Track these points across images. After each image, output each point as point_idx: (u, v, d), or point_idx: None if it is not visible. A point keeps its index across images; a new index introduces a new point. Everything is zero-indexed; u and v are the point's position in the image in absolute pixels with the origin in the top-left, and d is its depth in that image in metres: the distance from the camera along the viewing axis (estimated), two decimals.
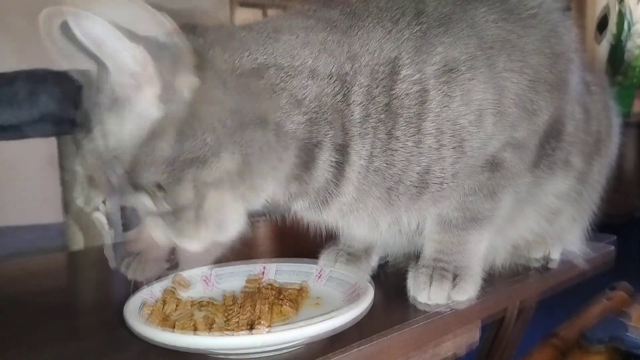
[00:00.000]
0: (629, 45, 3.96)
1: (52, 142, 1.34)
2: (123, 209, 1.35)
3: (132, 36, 0.52)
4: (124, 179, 0.58)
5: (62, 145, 1.30)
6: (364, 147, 0.64)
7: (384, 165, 0.65)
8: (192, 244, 0.62)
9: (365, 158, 0.64)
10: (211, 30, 0.63)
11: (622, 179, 3.85)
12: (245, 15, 6.43)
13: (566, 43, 0.73)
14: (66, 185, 1.30)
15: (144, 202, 0.59)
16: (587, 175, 0.86)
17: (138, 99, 0.56)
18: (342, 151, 0.64)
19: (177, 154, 0.56)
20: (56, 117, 1.20)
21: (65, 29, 0.51)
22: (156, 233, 0.63)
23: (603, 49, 4.08)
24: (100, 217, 0.61)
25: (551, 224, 0.86)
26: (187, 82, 0.57)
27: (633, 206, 3.85)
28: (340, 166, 0.65)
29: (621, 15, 3.87)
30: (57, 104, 1.19)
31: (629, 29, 3.91)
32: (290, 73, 0.62)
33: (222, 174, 0.59)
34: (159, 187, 0.57)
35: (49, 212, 1.83)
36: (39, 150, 1.85)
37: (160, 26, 0.54)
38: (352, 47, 0.64)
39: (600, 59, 4.11)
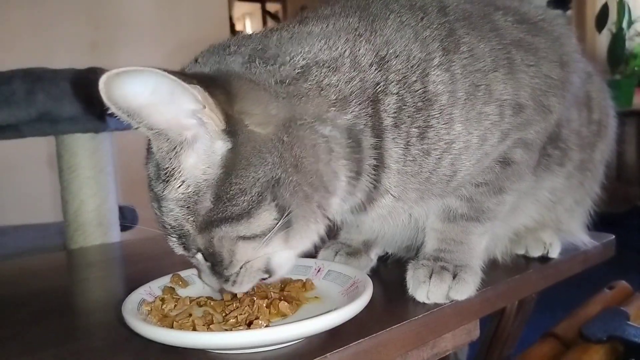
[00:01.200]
0: (630, 33, 3.94)
1: (50, 141, 1.34)
2: (121, 209, 1.36)
3: (186, 78, 0.53)
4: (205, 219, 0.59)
5: (60, 145, 1.30)
6: (399, 135, 0.65)
7: (420, 154, 0.66)
8: (243, 288, 0.64)
9: (402, 146, 0.65)
10: (245, 44, 0.64)
11: (624, 168, 3.84)
12: (243, 9, 6.43)
13: (571, 51, 0.76)
14: (65, 185, 1.30)
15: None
16: (588, 162, 0.88)
17: (203, 134, 0.57)
18: (380, 137, 0.65)
19: (255, 182, 0.58)
20: (54, 116, 1.20)
21: (122, 88, 0.53)
22: (207, 280, 0.66)
23: (604, 38, 4.06)
24: (199, 257, 0.64)
25: (551, 212, 0.88)
26: (242, 109, 0.58)
27: (635, 195, 3.84)
28: (378, 149, 0.65)
29: (622, 4, 3.85)
30: (54, 102, 1.18)
31: (630, 17, 3.89)
32: (331, 66, 0.63)
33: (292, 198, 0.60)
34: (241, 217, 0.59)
35: (48, 212, 1.84)
36: (38, 150, 1.85)
37: (190, 97, 0.54)
38: (385, 31, 0.65)
39: (601, 48, 4.09)
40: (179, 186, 0.58)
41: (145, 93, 0.53)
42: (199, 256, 0.63)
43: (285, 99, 0.60)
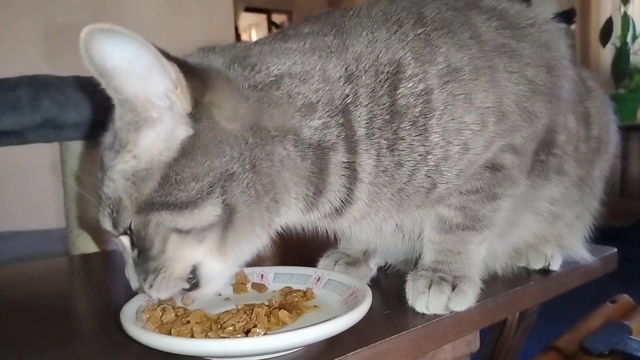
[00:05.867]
0: (635, 47, 3.95)
1: (54, 147, 1.34)
2: None
3: (166, 55, 0.55)
4: (154, 199, 0.58)
5: (64, 151, 1.31)
6: (372, 146, 0.65)
7: (392, 165, 0.66)
8: (159, 294, 0.62)
9: (374, 157, 0.65)
10: (229, 49, 0.66)
11: (627, 183, 3.82)
12: (249, 20, 6.47)
13: (559, 57, 0.74)
14: (68, 191, 1.30)
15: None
16: (587, 178, 0.87)
17: (170, 116, 0.58)
18: (353, 152, 0.65)
19: (209, 171, 0.58)
20: (58, 122, 1.21)
21: (102, 46, 0.53)
22: (129, 273, 0.63)
23: (608, 52, 4.07)
24: (124, 240, 0.62)
25: (552, 226, 0.87)
26: (213, 101, 0.59)
27: (638, 209, 3.82)
28: (352, 167, 0.66)
29: (626, 18, 3.86)
30: (59, 109, 1.19)
31: (635, 31, 3.89)
32: (302, 78, 0.64)
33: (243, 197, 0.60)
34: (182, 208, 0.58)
35: (50, 218, 1.84)
36: (41, 156, 1.86)
37: (166, 74, 0.56)
38: (356, 47, 0.66)
39: (605, 62, 4.10)
40: (130, 159, 0.58)
41: (124, 58, 0.54)
42: (125, 239, 0.61)
43: (256, 103, 0.62)
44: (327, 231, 0.75)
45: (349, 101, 0.64)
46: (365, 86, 0.65)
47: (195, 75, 0.58)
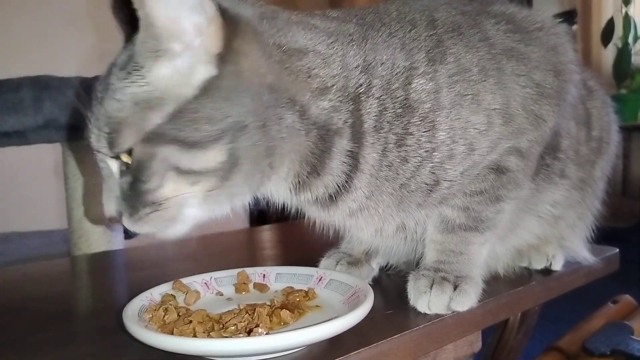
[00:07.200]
0: (636, 48, 3.94)
1: (57, 148, 1.35)
2: None
3: None
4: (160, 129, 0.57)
5: (66, 152, 1.31)
6: (378, 140, 0.66)
7: (398, 160, 0.66)
8: (140, 227, 0.61)
9: (380, 152, 0.66)
10: (258, 6, 0.66)
11: (629, 183, 3.82)
12: None
13: (567, 61, 0.75)
14: (70, 192, 1.31)
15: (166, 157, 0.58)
16: (588, 179, 0.87)
17: (194, 52, 0.57)
18: (359, 142, 0.66)
19: (224, 117, 0.57)
20: (60, 123, 1.21)
21: None
22: (108, 198, 0.62)
23: (609, 52, 4.06)
24: (113, 165, 0.60)
25: (553, 228, 0.87)
26: (241, 48, 0.59)
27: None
28: (355, 157, 0.66)
29: (628, 18, 3.85)
30: (61, 110, 1.20)
31: (636, 32, 3.89)
32: (325, 60, 0.65)
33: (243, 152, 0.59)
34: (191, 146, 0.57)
35: (52, 219, 1.85)
36: (44, 157, 1.87)
37: (202, 9, 0.55)
38: (375, 40, 0.67)
39: (607, 62, 4.09)
40: (143, 84, 0.57)
41: None
42: (113, 164, 0.60)
43: (277, 64, 0.62)
44: (329, 230, 0.75)
45: (361, 91, 0.65)
46: (380, 78, 0.65)
47: (229, 18, 0.58)
